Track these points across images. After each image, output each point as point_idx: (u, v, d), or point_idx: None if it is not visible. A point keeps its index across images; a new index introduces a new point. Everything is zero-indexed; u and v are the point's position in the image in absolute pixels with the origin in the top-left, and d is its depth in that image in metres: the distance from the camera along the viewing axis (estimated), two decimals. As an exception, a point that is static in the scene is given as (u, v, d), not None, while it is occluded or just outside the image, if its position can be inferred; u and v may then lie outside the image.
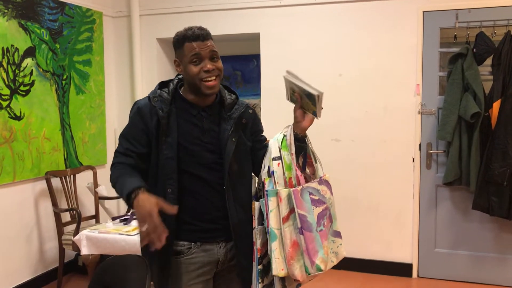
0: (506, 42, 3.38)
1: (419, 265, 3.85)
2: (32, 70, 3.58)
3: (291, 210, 1.69)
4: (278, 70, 4.02)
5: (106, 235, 2.86)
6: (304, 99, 1.71)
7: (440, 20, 3.66)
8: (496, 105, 3.41)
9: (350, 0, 3.84)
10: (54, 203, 3.65)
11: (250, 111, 1.85)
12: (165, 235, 1.49)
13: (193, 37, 1.67)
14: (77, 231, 3.34)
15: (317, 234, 1.68)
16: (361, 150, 3.89)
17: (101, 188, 3.95)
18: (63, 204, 3.82)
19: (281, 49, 4.04)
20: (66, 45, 3.93)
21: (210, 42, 1.69)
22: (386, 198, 3.86)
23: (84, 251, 2.90)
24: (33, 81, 3.59)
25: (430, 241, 3.81)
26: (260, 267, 1.74)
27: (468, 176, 3.50)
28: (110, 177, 1.72)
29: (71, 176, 3.86)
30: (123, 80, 4.54)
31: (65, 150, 3.92)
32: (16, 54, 3.44)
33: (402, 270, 3.86)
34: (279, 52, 4.04)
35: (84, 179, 4.01)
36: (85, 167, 4.05)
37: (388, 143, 3.83)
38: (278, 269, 1.68)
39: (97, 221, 3.99)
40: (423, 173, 3.79)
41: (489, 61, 3.50)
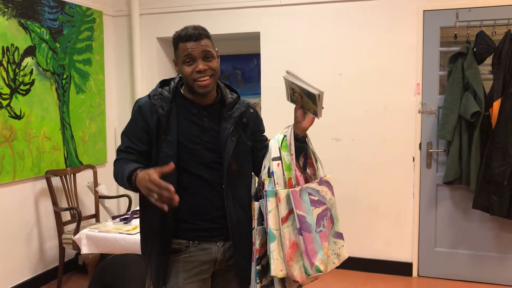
0: (507, 41, 3.38)
1: (419, 264, 3.85)
2: (32, 69, 3.58)
3: (290, 211, 1.69)
4: (278, 69, 4.03)
5: (106, 234, 2.86)
6: (305, 99, 1.71)
7: (440, 19, 3.66)
8: (496, 104, 3.41)
9: (350, -1, 3.85)
10: (54, 202, 3.65)
11: (251, 111, 1.84)
12: (172, 188, 1.45)
13: (186, 38, 1.66)
14: (77, 230, 3.34)
15: (317, 235, 1.67)
16: (361, 150, 3.89)
17: (101, 187, 3.95)
18: (63, 203, 3.82)
19: (281, 48, 4.04)
20: (66, 44, 3.93)
21: (204, 42, 1.67)
22: (386, 197, 3.86)
23: (84, 250, 2.90)
24: (33, 80, 3.59)
25: (430, 240, 3.81)
26: (259, 268, 1.74)
27: (468, 175, 3.50)
28: (113, 174, 1.73)
29: (71, 175, 3.87)
30: (123, 79, 4.53)
31: (65, 149, 3.92)
32: (16, 53, 3.44)
33: (402, 269, 3.86)
34: (279, 51, 4.04)
35: (84, 178, 4.02)
36: (85, 166, 4.05)
37: (388, 143, 3.83)
38: (277, 270, 1.68)
39: (97, 220, 4.00)
40: (423, 172, 3.79)
41: (490, 60, 3.50)
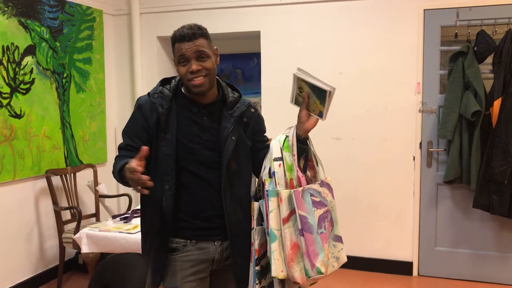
0: (507, 40, 3.37)
1: (420, 263, 3.85)
2: (32, 68, 3.58)
3: (292, 211, 1.68)
4: (279, 69, 4.07)
5: (107, 233, 2.86)
6: (312, 99, 1.68)
7: (441, 18, 3.65)
8: (497, 104, 3.40)
9: (351, -2, 3.84)
10: (55, 201, 3.65)
11: (252, 110, 1.82)
12: (140, 169, 1.48)
13: (180, 38, 1.66)
14: (78, 229, 3.34)
15: (318, 236, 1.66)
16: (362, 149, 3.89)
17: (102, 186, 3.95)
18: (64, 202, 3.82)
19: (282, 48, 4.03)
20: (66, 43, 3.92)
21: (199, 42, 1.65)
22: (387, 197, 3.86)
23: (85, 249, 2.90)
24: (33, 79, 3.59)
25: (431, 240, 3.81)
26: (258, 268, 1.73)
27: (469, 175, 3.50)
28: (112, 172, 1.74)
29: (72, 174, 3.86)
30: (124, 78, 4.53)
31: (66, 148, 3.91)
32: (16, 52, 3.44)
33: (403, 268, 3.86)
34: (280, 51, 4.04)
35: (85, 177, 4.01)
36: (86, 165, 4.05)
37: (389, 142, 3.83)
38: (278, 271, 1.67)
39: (98, 219, 4.00)
40: (424, 172, 3.78)
41: (490, 59, 3.49)
